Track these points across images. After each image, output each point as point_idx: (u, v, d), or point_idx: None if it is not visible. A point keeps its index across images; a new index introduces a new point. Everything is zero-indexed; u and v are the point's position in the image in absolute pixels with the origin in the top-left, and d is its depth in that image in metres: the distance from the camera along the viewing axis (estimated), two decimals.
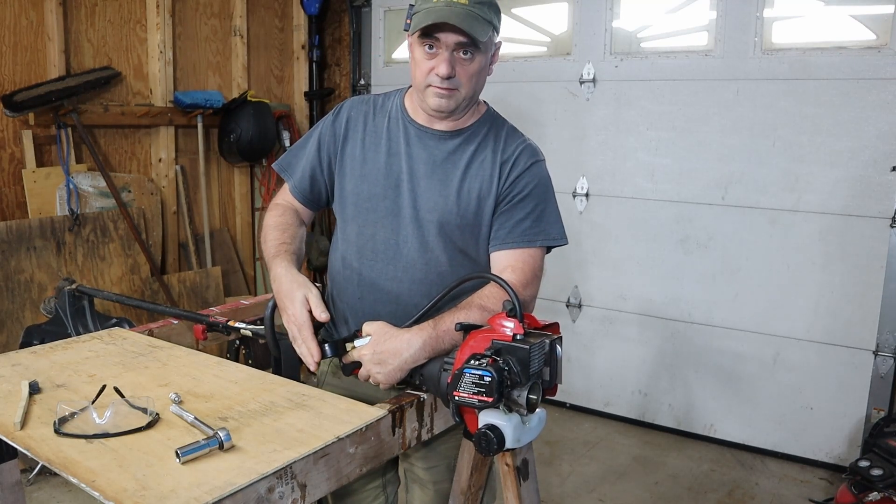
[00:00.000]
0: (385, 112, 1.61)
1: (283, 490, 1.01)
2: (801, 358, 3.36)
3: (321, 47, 4.71)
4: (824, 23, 3.25)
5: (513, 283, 1.40)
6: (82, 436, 1.09)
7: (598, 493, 3.12)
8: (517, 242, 1.52)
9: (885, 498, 2.65)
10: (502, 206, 1.54)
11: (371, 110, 1.62)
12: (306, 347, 1.34)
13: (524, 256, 1.52)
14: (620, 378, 3.87)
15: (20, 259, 3.21)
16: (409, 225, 1.54)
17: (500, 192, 1.53)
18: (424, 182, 1.54)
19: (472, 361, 1.14)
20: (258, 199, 4.54)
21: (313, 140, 1.65)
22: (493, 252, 1.55)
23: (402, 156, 1.56)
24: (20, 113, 3.21)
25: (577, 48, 3.78)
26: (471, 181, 1.54)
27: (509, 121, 1.65)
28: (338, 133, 1.62)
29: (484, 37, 1.41)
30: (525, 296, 1.45)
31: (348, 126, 1.62)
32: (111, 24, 3.64)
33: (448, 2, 1.39)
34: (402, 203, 1.54)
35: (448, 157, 1.55)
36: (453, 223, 1.53)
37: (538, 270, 1.53)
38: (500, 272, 1.49)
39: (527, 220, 1.53)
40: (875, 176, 3.11)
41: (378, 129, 1.60)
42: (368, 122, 1.61)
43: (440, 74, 1.43)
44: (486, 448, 1.14)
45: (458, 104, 1.49)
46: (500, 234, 1.54)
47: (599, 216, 3.83)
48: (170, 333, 1.71)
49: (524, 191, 1.53)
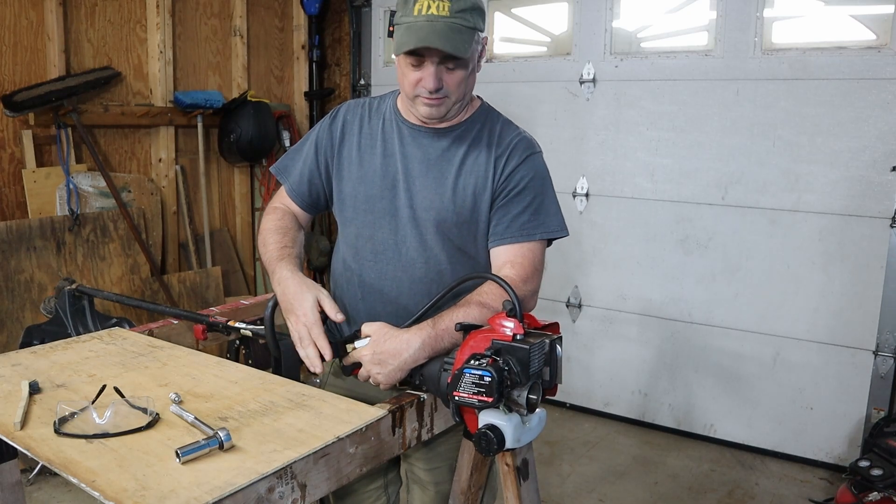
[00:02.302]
0: (380, 114, 1.62)
1: (283, 490, 1.01)
2: (802, 358, 3.36)
3: (321, 47, 4.71)
4: (824, 23, 3.25)
5: (512, 279, 1.40)
6: (82, 436, 1.09)
7: (598, 493, 3.12)
8: (516, 237, 1.51)
9: (885, 498, 2.65)
10: (499, 201, 1.53)
11: (366, 113, 1.63)
12: (314, 348, 1.34)
13: (523, 251, 1.51)
14: (620, 378, 3.87)
15: (20, 259, 3.21)
16: (407, 224, 1.54)
17: (496, 186, 1.53)
18: (420, 181, 1.54)
19: (471, 361, 1.14)
20: (258, 200, 4.54)
21: (310, 144, 1.66)
22: (492, 247, 1.54)
23: (397, 156, 1.56)
24: (20, 113, 3.21)
25: (577, 48, 3.78)
26: (466, 178, 1.53)
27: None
28: (334, 136, 1.62)
29: (468, 51, 1.41)
30: (525, 291, 1.45)
31: (344, 129, 1.62)
32: (111, 24, 3.64)
33: (429, 17, 1.38)
34: (399, 203, 1.54)
35: (442, 155, 1.54)
36: (450, 221, 1.53)
37: (538, 264, 1.52)
38: (500, 268, 1.49)
39: (524, 214, 1.52)
40: (875, 176, 3.11)
41: (374, 132, 1.60)
42: (364, 124, 1.61)
43: (428, 88, 1.43)
44: (486, 448, 1.14)
45: (449, 109, 1.50)
46: (498, 230, 1.53)
47: (599, 216, 3.83)
48: (170, 333, 1.71)
49: (520, 184, 1.52)
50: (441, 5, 1.38)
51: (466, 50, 1.40)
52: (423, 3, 1.39)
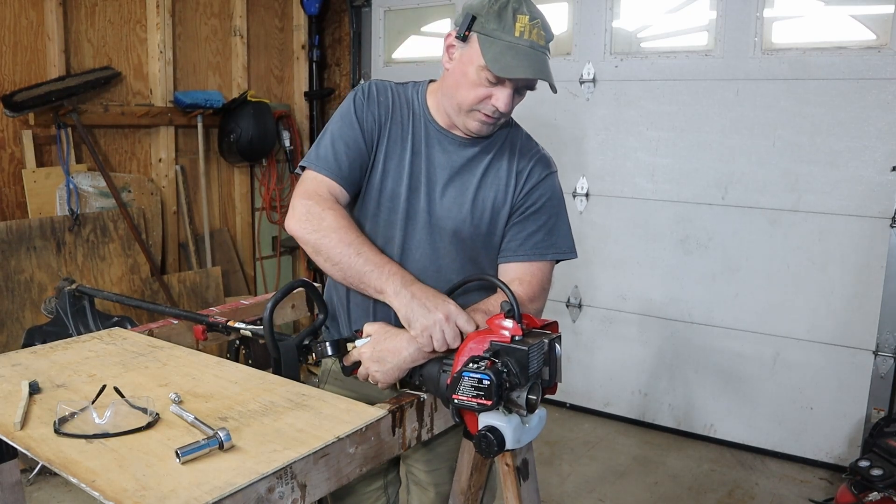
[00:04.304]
0: (409, 105, 1.53)
1: (283, 490, 1.01)
2: (802, 358, 3.36)
3: (321, 47, 4.71)
4: (824, 23, 3.25)
5: (520, 296, 1.39)
6: (82, 436, 1.09)
7: (598, 493, 3.12)
8: (528, 255, 1.51)
9: (885, 498, 2.65)
10: (515, 217, 1.52)
11: (397, 99, 1.53)
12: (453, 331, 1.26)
13: (533, 269, 1.50)
14: (620, 378, 3.86)
15: (20, 259, 3.21)
16: (423, 230, 1.51)
17: (515, 201, 1.52)
18: (441, 188, 1.51)
19: (470, 364, 1.14)
20: (258, 199, 4.54)
21: (349, 125, 1.48)
22: (502, 263, 1.53)
23: (422, 156, 1.51)
24: (20, 113, 3.21)
25: (577, 48, 3.78)
26: (486, 190, 1.52)
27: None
28: (374, 115, 1.49)
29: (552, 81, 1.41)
30: (531, 309, 1.44)
31: (380, 111, 1.50)
32: (111, 24, 3.64)
33: (532, 44, 1.35)
34: (418, 207, 1.51)
35: (466, 165, 1.52)
36: (466, 232, 1.51)
37: (546, 283, 1.52)
38: (508, 284, 1.49)
39: (538, 234, 1.51)
40: (875, 176, 3.11)
41: (404, 123, 1.52)
42: (395, 111, 1.52)
43: (501, 110, 1.41)
44: (487, 449, 1.14)
45: (496, 129, 1.50)
46: (511, 246, 1.52)
47: (600, 216, 3.83)
48: (170, 333, 1.71)
49: (537, 203, 1.52)
50: (539, 34, 1.37)
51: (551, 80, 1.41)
52: (525, 26, 1.35)
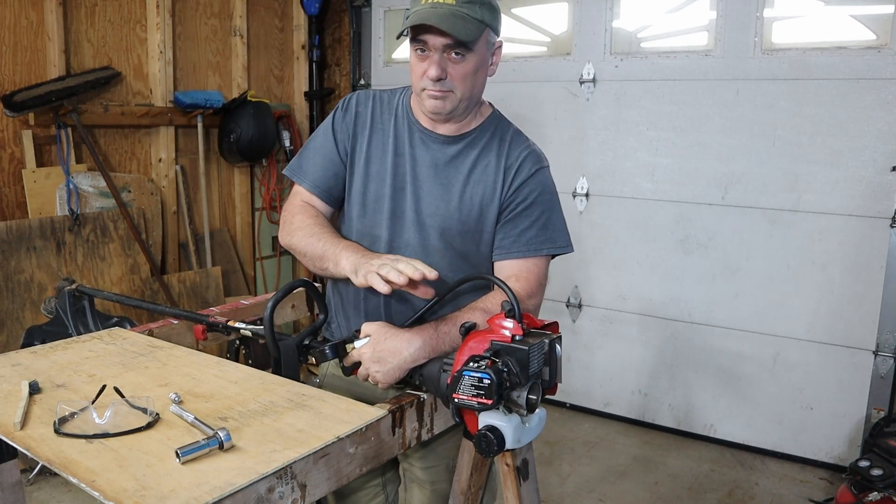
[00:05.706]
0: (392, 110, 1.59)
1: (283, 490, 1.01)
2: (802, 358, 3.36)
3: (321, 47, 4.71)
4: (824, 23, 3.25)
5: (517, 293, 1.39)
6: (82, 436, 1.09)
7: (598, 493, 3.12)
8: (522, 252, 1.51)
9: (885, 498, 2.65)
10: (506, 215, 1.52)
11: (378, 107, 1.60)
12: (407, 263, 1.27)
13: (529, 266, 1.51)
14: (620, 378, 3.86)
15: (20, 259, 3.21)
16: (411, 228, 1.53)
17: (504, 199, 1.52)
18: (427, 186, 1.53)
19: (471, 363, 1.14)
20: (258, 199, 4.54)
21: (325, 137, 1.60)
22: (497, 261, 1.54)
23: (406, 157, 1.54)
24: (20, 113, 3.21)
25: (577, 48, 3.78)
26: (473, 187, 1.52)
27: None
28: (349, 127, 1.59)
29: (470, 36, 1.38)
30: (529, 305, 1.44)
31: (357, 122, 1.59)
32: (111, 24, 3.64)
33: (433, 3, 1.38)
34: (405, 206, 1.53)
35: (451, 162, 1.53)
36: (455, 229, 1.52)
37: (543, 279, 1.52)
38: (505, 281, 1.49)
39: (532, 229, 1.51)
40: (875, 176, 3.11)
41: (385, 128, 1.58)
42: (376, 119, 1.59)
43: (430, 76, 1.42)
44: (487, 449, 1.14)
45: (455, 106, 1.47)
46: (504, 243, 1.52)
47: (599, 216, 3.83)
48: (170, 333, 1.71)
49: (529, 198, 1.52)
50: None
51: (469, 35, 1.37)
52: None
